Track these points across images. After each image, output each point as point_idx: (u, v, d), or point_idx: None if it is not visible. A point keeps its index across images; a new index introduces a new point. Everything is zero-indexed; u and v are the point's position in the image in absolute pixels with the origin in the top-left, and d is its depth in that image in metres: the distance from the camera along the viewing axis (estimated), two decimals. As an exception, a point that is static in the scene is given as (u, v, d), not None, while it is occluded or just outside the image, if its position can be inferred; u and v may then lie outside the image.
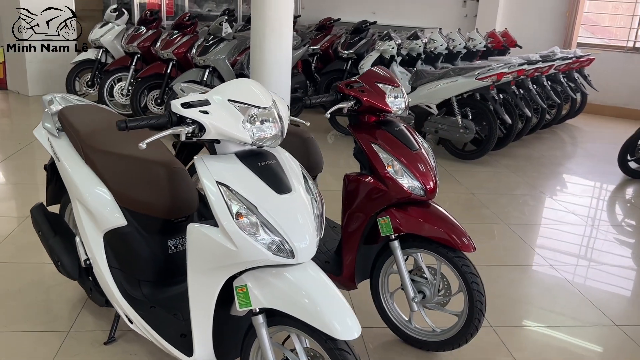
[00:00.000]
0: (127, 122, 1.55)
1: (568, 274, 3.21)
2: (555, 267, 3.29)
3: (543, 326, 2.67)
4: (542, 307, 2.85)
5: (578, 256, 3.52)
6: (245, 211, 1.57)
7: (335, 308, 1.61)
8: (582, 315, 2.79)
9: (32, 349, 2.24)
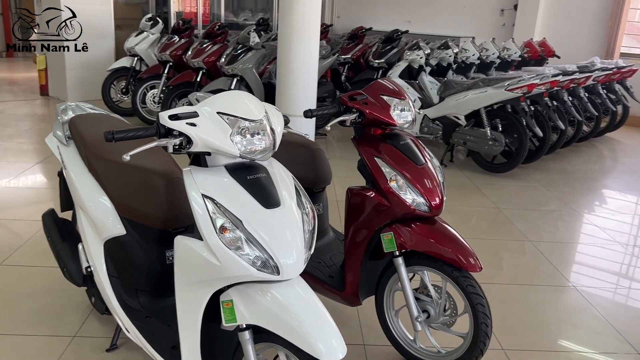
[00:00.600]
0: (114, 133, 1.56)
1: (591, 297, 3.05)
2: (578, 288, 3.13)
3: (557, 351, 2.54)
4: (559, 330, 2.72)
5: (604, 278, 3.35)
6: (230, 226, 1.55)
7: (320, 328, 1.56)
8: (601, 341, 2.64)
9: (36, 353, 2.27)
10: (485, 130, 5.05)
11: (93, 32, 7.40)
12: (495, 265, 3.37)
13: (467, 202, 4.44)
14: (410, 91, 5.63)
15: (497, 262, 3.41)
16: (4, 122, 6.17)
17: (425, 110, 5.52)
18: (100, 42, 7.51)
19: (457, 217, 4.14)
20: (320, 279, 2.46)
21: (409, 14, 9.97)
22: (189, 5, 8.83)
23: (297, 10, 4.94)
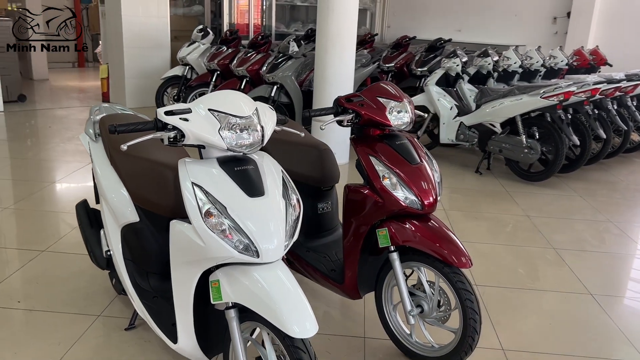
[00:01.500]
0: (116, 126, 1.77)
1: (608, 305, 3.01)
2: (596, 297, 3.09)
3: (557, 354, 2.54)
4: (565, 335, 2.70)
5: (626, 288, 3.28)
6: (215, 211, 1.72)
7: (294, 308, 1.69)
8: (608, 348, 2.62)
9: (64, 328, 2.52)
10: (521, 138, 5.01)
11: (150, 42, 7.89)
12: (511, 269, 3.37)
13: (495, 209, 4.43)
14: (448, 99, 5.67)
15: (513, 267, 3.41)
16: (67, 126, 6.69)
17: (462, 117, 5.54)
18: (156, 52, 7.98)
19: (482, 223, 4.15)
20: (323, 272, 2.58)
21: (459, 23, 9.94)
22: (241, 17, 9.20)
23: (333, 21, 5.11)
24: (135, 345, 2.42)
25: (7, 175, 4.71)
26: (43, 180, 4.63)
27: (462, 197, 4.77)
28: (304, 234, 2.78)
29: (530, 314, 2.89)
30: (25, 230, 3.61)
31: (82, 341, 2.43)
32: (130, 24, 7.66)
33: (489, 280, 3.21)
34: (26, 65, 10.12)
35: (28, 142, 6.07)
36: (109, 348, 2.40)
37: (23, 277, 2.97)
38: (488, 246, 3.73)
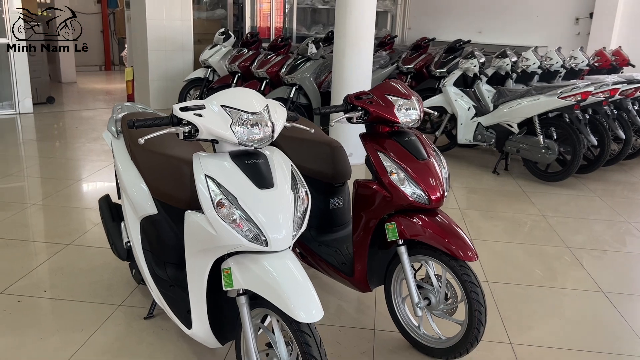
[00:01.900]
0: (135, 122, 1.87)
1: (620, 304, 3.01)
2: (607, 294, 3.10)
3: (564, 349, 2.57)
4: (574, 331, 2.73)
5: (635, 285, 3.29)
6: (227, 202, 1.81)
7: (301, 295, 1.77)
8: (617, 344, 2.63)
9: (86, 316, 2.65)
10: (538, 139, 5.02)
11: (174, 45, 8.07)
12: (523, 267, 3.40)
13: (511, 209, 4.45)
14: (465, 99, 5.69)
15: (526, 265, 3.43)
16: (93, 126, 6.90)
17: (479, 118, 5.56)
18: (180, 54, 8.16)
19: (497, 222, 4.17)
20: (334, 265, 2.66)
21: (480, 24, 9.92)
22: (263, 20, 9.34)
23: (351, 23, 5.18)
24: (153, 333, 2.53)
25: (36, 174, 4.90)
26: (69, 178, 4.80)
27: (479, 197, 4.79)
28: (317, 228, 2.86)
29: (540, 309, 2.91)
30: (51, 225, 3.77)
31: (103, 328, 2.55)
32: (155, 27, 7.85)
33: (500, 277, 3.24)
34: (55, 69, 10.44)
35: (56, 142, 6.29)
36: (129, 335, 2.51)
37: (49, 268, 3.11)
38: (502, 244, 3.76)
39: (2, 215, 3.84)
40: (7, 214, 3.86)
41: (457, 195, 4.74)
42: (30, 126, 6.91)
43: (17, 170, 4.96)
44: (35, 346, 2.39)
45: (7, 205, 4.03)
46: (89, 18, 13.01)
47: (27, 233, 3.58)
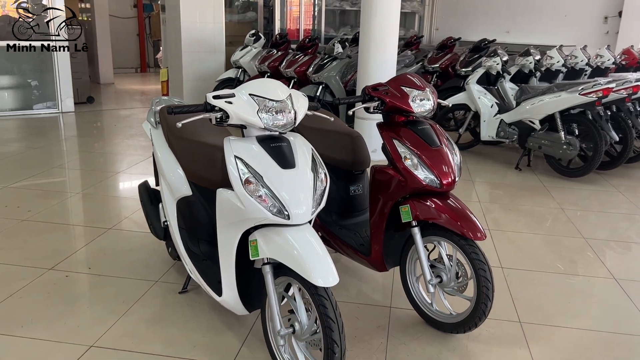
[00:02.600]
0: (173, 109, 2.11)
1: (631, 290, 3.12)
2: (620, 282, 3.21)
3: (571, 328, 2.70)
4: (583, 313, 2.85)
5: (655, 274, 3.38)
6: (253, 180, 2.02)
7: (319, 263, 1.97)
8: (624, 324, 2.75)
9: (127, 290, 2.91)
10: (560, 135, 5.11)
11: (207, 47, 8.38)
12: (537, 255, 3.52)
13: (530, 202, 4.56)
14: (488, 97, 5.81)
15: (540, 253, 3.56)
16: (130, 124, 7.26)
17: (502, 115, 5.67)
18: (212, 56, 8.46)
19: (516, 214, 4.29)
20: (353, 246, 2.86)
21: (508, 24, 9.96)
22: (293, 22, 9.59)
23: (375, 22, 5.37)
24: (187, 305, 2.77)
25: (77, 166, 5.23)
26: (108, 170, 5.12)
27: (500, 192, 4.91)
28: (338, 213, 3.06)
29: (551, 293, 3.05)
30: (93, 212, 4.07)
31: (141, 301, 2.80)
32: (189, 30, 8.17)
33: (515, 264, 3.38)
34: (94, 71, 10.92)
35: (96, 138, 6.65)
36: (164, 307, 2.76)
37: (93, 249, 3.40)
38: (519, 235, 3.89)
39: (49, 202, 4.16)
40: (52, 202, 4.17)
41: (478, 190, 4.87)
42: (72, 124, 7.31)
43: (60, 163, 5.30)
44: (82, 315, 2.66)
45: (52, 194, 4.36)
46: (125, 22, 13.53)
47: (71, 218, 3.89)
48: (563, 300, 2.98)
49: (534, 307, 2.88)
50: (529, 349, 2.51)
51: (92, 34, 10.76)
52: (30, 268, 3.10)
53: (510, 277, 3.21)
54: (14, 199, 4.22)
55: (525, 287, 3.11)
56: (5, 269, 3.10)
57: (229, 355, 2.38)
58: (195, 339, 2.50)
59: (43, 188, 4.50)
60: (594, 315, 2.83)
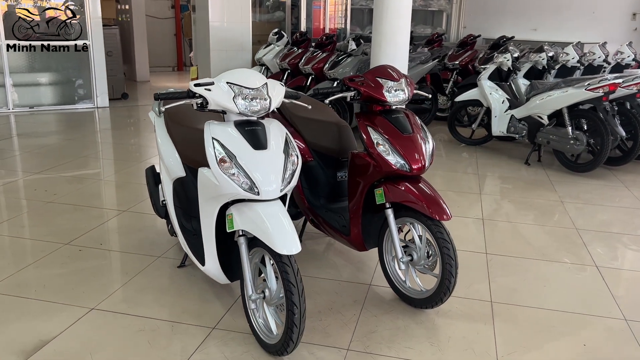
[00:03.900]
0: (159, 94, 2.37)
1: (610, 277, 3.21)
2: (600, 268, 3.30)
3: (543, 309, 2.82)
4: (557, 296, 2.96)
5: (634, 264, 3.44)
6: (227, 159, 2.26)
7: (283, 233, 2.19)
8: (594, 307, 2.86)
9: (132, 263, 3.20)
10: (567, 130, 5.16)
11: (234, 46, 8.71)
12: (525, 243, 3.64)
13: (531, 194, 4.65)
14: (500, 92, 5.89)
15: (528, 242, 3.66)
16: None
17: (512, 110, 5.74)
18: (239, 54, 8.79)
19: (513, 205, 4.40)
20: (336, 227, 3.06)
21: (535, 22, 9.92)
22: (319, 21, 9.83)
23: (387, 19, 5.53)
24: (183, 278, 3.04)
25: (104, 156, 5.62)
26: (132, 159, 5.48)
27: (503, 184, 5.01)
28: (326, 198, 3.27)
29: (529, 277, 3.17)
30: (112, 196, 4.41)
31: (143, 273, 3.09)
32: (217, 29, 8.53)
33: (500, 250, 3.52)
34: (131, 69, 11.45)
35: (125, 131, 7.06)
36: (162, 279, 3.03)
37: (107, 228, 3.72)
38: (511, 224, 4.00)
39: (74, 187, 4.52)
40: (77, 186, 4.54)
41: (482, 183, 4.98)
42: (105, 118, 7.76)
43: (89, 153, 5.70)
44: (89, 283, 2.96)
45: (78, 180, 4.73)
46: (164, 22, 14.07)
47: (92, 201, 4.23)
48: (539, 284, 3.10)
49: (508, 290, 3.02)
50: (494, 325, 2.66)
51: (130, 34, 11.28)
52: (50, 243, 3.44)
53: (492, 262, 3.35)
54: (44, 184, 4.60)
55: (504, 271, 3.24)
56: (28, 242, 3.45)
57: (213, 321, 2.63)
58: (185, 306, 2.76)
59: (70, 175, 4.88)
60: (565, 298, 2.95)
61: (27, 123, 7.21)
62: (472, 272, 3.20)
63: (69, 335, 2.48)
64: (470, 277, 3.15)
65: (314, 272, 3.16)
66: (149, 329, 2.55)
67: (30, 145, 5.99)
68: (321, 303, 2.83)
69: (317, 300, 2.85)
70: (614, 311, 2.82)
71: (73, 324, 2.56)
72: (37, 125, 7.12)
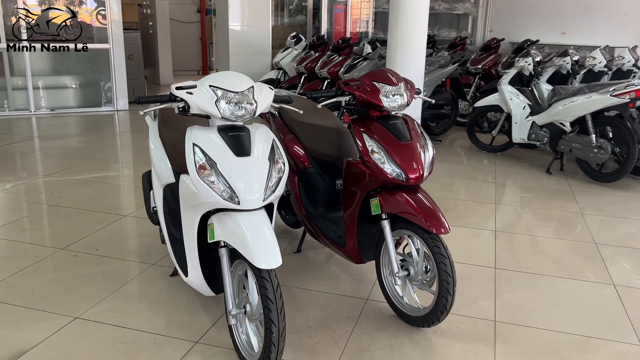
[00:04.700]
0: (140, 98, 2.28)
1: (628, 297, 2.98)
2: (619, 289, 3.07)
3: (548, 330, 2.63)
4: (567, 316, 2.76)
5: (662, 283, 3.20)
6: (208, 166, 2.15)
7: (264, 246, 2.07)
8: (606, 330, 2.64)
9: (125, 270, 3.13)
10: (591, 138, 4.90)
11: (254, 49, 8.67)
12: (539, 258, 3.42)
13: (550, 205, 4.42)
14: (521, 98, 5.66)
15: (543, 256, 3.45)
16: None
17: (533, 116, 5.50)
18: (258, 58, 8.74)
19: (530, 216, 4.18)
20: (332, 238, 2.92)
21: (564, 25, 9.59)
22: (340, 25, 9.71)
23: (403, 23, 5.38)
24: (174, 287, 2.94)
25: (123, 159, 5.62)
26: (143, 163, 5.43)
27: (520, 194, 4.79)
28: (324, 206, 3.13)
29: (539, 295, 2.97)
30: (115, 200, 4.37)
31: (134, 281, 3.01)
32: (236, 33, 8.50)
33: (510, 265, 3.32)
34: (154, 73, 11.53)
35: (141, 134, 7.05)
36: (153, 287, 2.95)
37: (105, 233, 3.66)
38: (525, 237, 3.79)
39: (80, 190, 4.49)
40: (83, 190, 4.51)
41: (498, 192, 4.76)
42: (124, 121, 7.79)
43: (102, 156, 5.69)
44: (77, 290, 2.89)
45: (85, 183, 4.70)
46: (189, 26, 14.16)
47: (95, 205, 4.18)
48: (549, 303, 2.90)
49: (514, 308, 2.82)
50: (494, 347, 2.48)
51: (154, 38, 11.36)
52: (45, 247, 3.39)
53: (501, 277, 3.16)
54: (52, 186, 4.59)
55: (513, 288, 3.05)
56: (24, 246, 3.41)
57: (197, 334, 2.52)
58: (171, 317, 2.66)
59: (79, 178, 4.86)
60: (576, 320, 2.74)
61: (48, 125, 7.29)
62: (477, 288, 3.02)
63: (47, 345, 2.40)
64: (475, 293, 2.96)
65: (310, 284, 3.02)
66: (131, 340, 2.46)
67: (47, 148, 6.03)
68: (313, 317, 2.69)
69: (309, 314, 2.72)
70: (629, 335, 2.60)
71: (54, 333, 2.49)
72: (57, 127, 7.19)
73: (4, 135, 6.67)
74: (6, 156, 5.56)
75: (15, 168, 5.17)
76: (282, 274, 3.13)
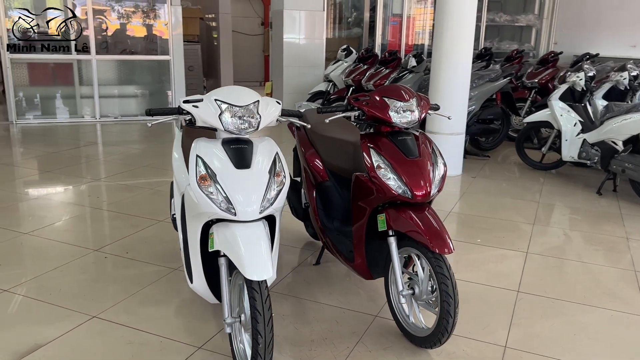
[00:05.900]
0: (151, 110, 2.39)
1: (661, 329, 2.78)
2: (652, 319, 2.87)
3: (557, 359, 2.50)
4: (585, 348, 2.60)
5: None
6: (208, 177, 2.22)
7: (256, 258, 2.11)
8: (629, 365, 2.48)
9: (148, 274, 3.25)
10: (645, 158, 4.61)
11: (307, 62, 8.81)
12: (570, 283, 3.25)
13: (594, 229, 4.18)
14: (572, 114, 5.41)
15: (574, 282, 3.28)
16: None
17: (584, 134, 5.24)
18: (311, 70, 8.87)
19: (570, 239, 3.98)
20: (343, 252, 2.92)
21: (634, 38, 9.07)
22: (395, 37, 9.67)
23: (447, 36, 5.29)
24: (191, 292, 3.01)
25: (162, 166, 5.85)
26: (188, 171, 5.65)
27: (564, 215, 4.57)
28: (340, 220, 3.13)
29: (560, 323, 2.82)
30: (153, 206, 4.54)
31: (155, 285, 3.13)
32: (291, 46, 8.67)
33: (534, 289, 3.17)
34: (216, 83, 11.92)
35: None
36: (170, 293, 3.05)
37: (138, 237, 3.83)
38: (557, 260, 3.61)
39: (123, 195, 4.73)
40: (126, 195, 4.74)
41: (540, 212, 4.57)
42: (180, 130, 8.10)
43: (150, 163, 5.95)
44: (101, 291, 3.05)
45: (130, 189, 4.94)
46: (253, 39, 14.60)
47: (134, 210, 4.39)
48: (568, 332, 2.74)
49: (529, 335, 2.70)
50: (499, 375, 2.39)
51: (217, 50, 11.77)
52: (80, 248, 3.60)
53: (521, 301, 3.03)
54: (99, 191, 4.86)
55: (532, 313, 2.92)
56: (61, 246, 3.63)
57: (201, 340, 2.59)
58: (181, 322, 2.75)
59: (126, 183, 5.12)
60: (594, 352, 2.58)
61: (110, 132, 7.72)
62: (494, 311, 2.91)
63: (63, 341, 2.55)
64: (490, 316, 2.86)
65: (322, 297, 3.03)
66: (138, 342, 2.56)
67: (104, 153, 6.39)
68: (318, 331, 2.69)
69: (314, 327, 2.72)
70: (652, 372, 2.43)
71: (70, 330, 2.64)
72: (118, 134, 7.60)
73: (68, 140, 7.13)
74: (63, 160, 5.94)
75: (71, 172, 5.50)
76: (296, 285, 3.16)
